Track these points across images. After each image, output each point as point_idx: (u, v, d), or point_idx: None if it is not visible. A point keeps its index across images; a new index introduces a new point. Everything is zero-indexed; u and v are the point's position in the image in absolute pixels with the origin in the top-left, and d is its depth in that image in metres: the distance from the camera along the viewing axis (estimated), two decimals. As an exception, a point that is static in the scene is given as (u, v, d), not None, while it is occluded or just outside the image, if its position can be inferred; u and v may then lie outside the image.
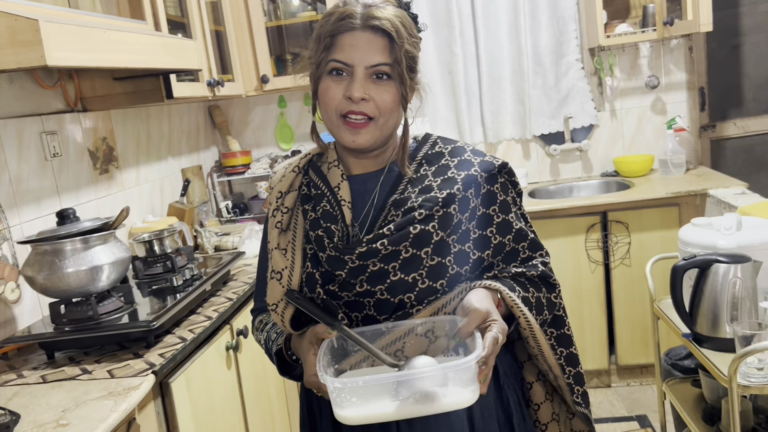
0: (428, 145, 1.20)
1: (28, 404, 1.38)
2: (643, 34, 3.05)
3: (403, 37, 1.08)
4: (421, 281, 1.08)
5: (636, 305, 2.92)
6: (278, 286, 1.13)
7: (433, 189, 1.12)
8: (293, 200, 1.17)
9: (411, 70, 1.12)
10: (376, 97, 1.08)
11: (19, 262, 1.88)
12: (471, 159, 1.16)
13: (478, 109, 3.38)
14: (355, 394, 0.95)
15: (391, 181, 1.16)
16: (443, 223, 1.10)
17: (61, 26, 1.46)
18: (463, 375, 0.94)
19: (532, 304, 1.13)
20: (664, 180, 3.10)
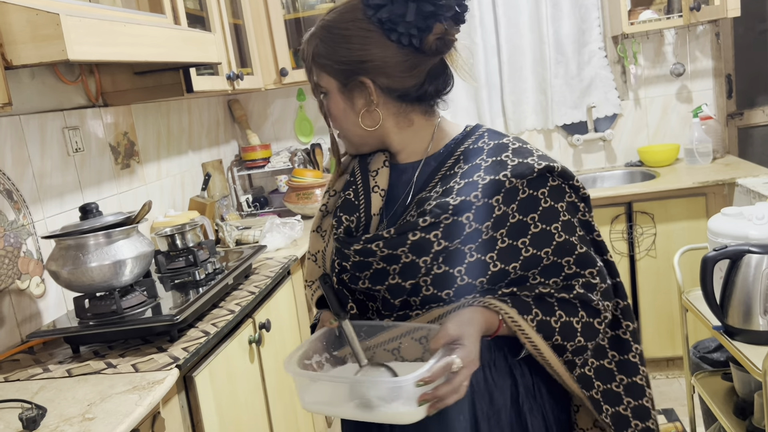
0: (472, 139, 1.10)
1: (54, 398, 1.39)
2: (669, 20, 2.98)
3: (318, 59, 1.07)
4: (425, 288, 1.05)
5: (662, 297, 2.88)
6: (314, 266, 1.17)
7: (453, 192, 1.03)
8: (342, 184, 1.16)
9: (353, 73, 1.05)
10: (328, 112, 1.11)
11: (43, 256, 1.89)
12: (506, 161, 1.04)
13: (499, 100, 3.34)
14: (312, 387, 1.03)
15: (425, 176, 1.10)
16: (449, 233, 1.01)
17: (81, 20, 1.46)
18: (401, 392, 0.92)
19: (554, 329, 1.02)
20: (690, 169, 3.04)
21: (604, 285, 1.07)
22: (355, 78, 1.05)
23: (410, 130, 1.11)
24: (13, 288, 1.77)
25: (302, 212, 3.09)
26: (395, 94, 1.06)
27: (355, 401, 0.96)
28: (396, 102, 1.08)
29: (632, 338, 1.11)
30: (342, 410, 0.99)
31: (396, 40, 1.02)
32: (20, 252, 1.81)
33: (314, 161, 3.34)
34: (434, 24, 1.01)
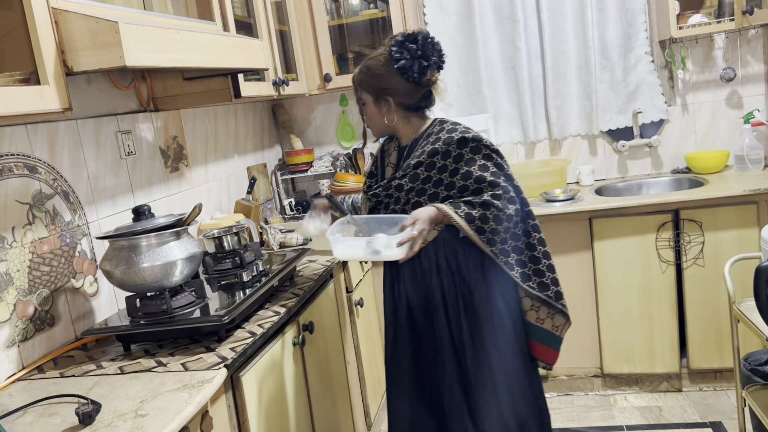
0: (431, 126, 1.89)
1: (107, 394, 1.43)
2: (719, 24, 2.92)
3: (363, 82, 1.88)
4: (408, 210, 1.83)
5: (710, 307, 2.81)
6: (363, 209, 2.01)
7: (416, 156, 1.83)
8: (373, 161, 2.02)
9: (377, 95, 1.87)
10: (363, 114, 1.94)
11: (97, 256, 1.95)
12: (441, 136, 1.81)
13: (542, 105, 3.32)
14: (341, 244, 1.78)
15: (410, 153, 1.89)
16: (412, 178, 1.83)
17: (138, 28, 1.51)
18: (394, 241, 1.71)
19: (474, 217, 1.75)
20: (740, 177, 2.96)
21: (507, 195, 1.78)
22: (382, 96, 1.86)
23: (409, 125, 1.91)
24: (68, 286, 1.83)
25: (344, 216, 3.11)
26: (403, 106, 1.88)
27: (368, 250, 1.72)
28: (403, 110, 1.89)
29: (533, 229, 1.85)
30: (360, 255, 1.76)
31: (406, 78, 1.81)
32: (75, 252, 1.87)
33: (356, 166, 3.37)
34: (427, 71, 1.81)
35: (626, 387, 3.03)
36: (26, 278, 1.68)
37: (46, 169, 1.79)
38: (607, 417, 2.84)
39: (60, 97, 1.43)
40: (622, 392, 3.02)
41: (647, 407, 2.87)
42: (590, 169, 3.27)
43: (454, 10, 3.29)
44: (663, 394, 2.96)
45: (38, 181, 1.76)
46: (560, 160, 3.30)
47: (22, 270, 1.67)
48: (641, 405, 2.90)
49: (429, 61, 1.79)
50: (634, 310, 2.88)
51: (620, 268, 2.86)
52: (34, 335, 1.70)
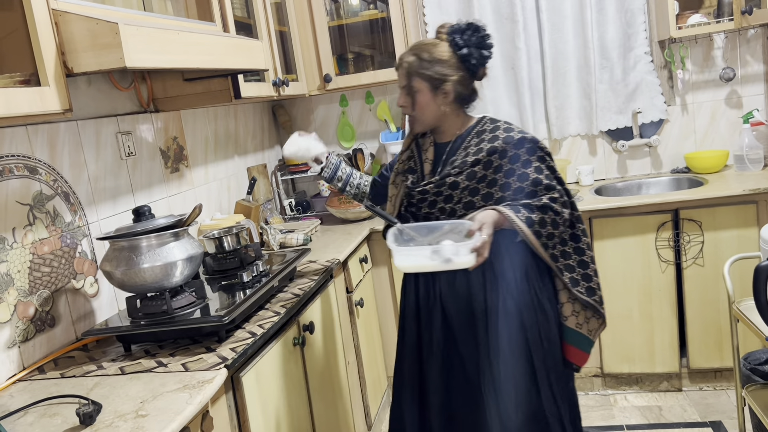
0: (480, 124, 1.83)
1: (108, 395, 1.44)
2: (719, 24, 2.92)
3: (413, 69, 1.78)
4: (459, 210, 1.78)
5: (710, 306, 2.81)
6: (390, 205, 1.92)
7: (470, 154, 1.77)
8: (407, 156, 1.93)
9: (434, 81, 1.77)
10: (408, 103, 1.82)
11: (97, 257, 1.95)
12: (499, 135, 1.77)
13: (542, 105, 3.32)
14: (404, 254, 1.64)
15: (454, 149, 1.83)
16: (469, 176, 1.76)
17: (138, 29, 1.51)
18: (464, 248, 1.58)
19: (534, 221, 1.70)
20: (739, 176, 2.96)
21: (562, 199, 1.75)
22: (441, 84, 1.77)
23: (457, 119, 1.84)
24: (69, 287, 1.83)
25: (344, 216, 3.12)
26: (459, 98, 1.80)
27: (438, 260, 1.58)
28: (457, 102, 1.81)
29: (582, 234, 1.83)
30: (429, 265, 1.60)
31: (466, 68, 1.77)
32: (76, 252, 1.87)
33: (356, 166, 3.37)
34: (485, 62, 1.79)
35: (626, 387, 3.03)
36: (27, 279, 1.69)
37: (46, 170, 1.80)
38: (608, 417, 2.84)
39: (60, 99, 1.43)
40: (622, 392, 3.02)
41: (647, 407, 2.88)
42: (590, 169, 3.27)
43: (453, 10, 3.30)
44: (663, 393, 2.96)
45: (39, 182, 1.77)
46: (560, 160, 3.30)
47: (22, 271, 1.68)
48: (641, 405, 2.90)
49: (489, 51, 1.77)
50: (634, 310, 2.89)
51: (620, 268, 2.86)
52: (34, 336, 1.70)
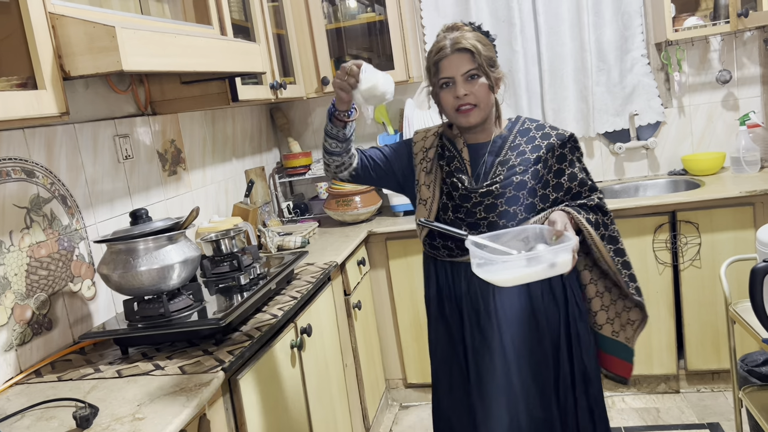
0: (519, 123, 1.77)
1: (105, 398, 1.44)
2: (715, 27, 2.93)
3: (479, 49, 1.63)
4: (520, 213, 1.67)
5: (707, 308, 2.82)
6: (424, 209, 1.77)
7: (527, 153, 1.70)
8: (434, 153, 1.79)
9: (492, 66, 1.67)
10: (473, 90, 1.64)
11: (94, 260, 1.95)
12: (549, 132, 1.73)
13: (539, 107, 3.33)
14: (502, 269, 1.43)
15: (496, 149, 1.73)
16: (534, 175, 1.68)
17: (135, 32, 1.51)
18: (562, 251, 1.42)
19: (592, 222, 1.68)
20: (736, 178, 2.97)
21: (604, 199, 1.75)
22: (495, 69, 1.68)
23: (494, 115, 1.74)
24: (66, 290, 1.83)
25: (342, 219, 3.12)
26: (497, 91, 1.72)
27: (543, 266, 1.41)
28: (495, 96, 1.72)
29: (618, 234, 1.77)
30: (534, 274, 1.42)
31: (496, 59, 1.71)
32: (73, 255, 1.87)
33: (354, 169, 3.37)
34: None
35: (624, 388, 3.03)
36: (24, 282, 1.69)
37: (43, 173, 1.80)
38: (605, 419, 2.84)
39: (57, 102, 1.43)
40: (620, 393, 3.03)
41: (645, 408, 2.88)
42: (587, 171, 3.27)
43: (450, 12, 3.30)
44: (661, 395, 2.97)
45: (36, 185, 1.77)
46: (557, 163, 3.31)
47: (19, 274, 1.68)
48: (639, 406, 2.90)
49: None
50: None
51: (617, 270, 2.86)
52: (31, 339, 1.70)
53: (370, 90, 1.57)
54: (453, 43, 1.64)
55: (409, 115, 3.19)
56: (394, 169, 1.82)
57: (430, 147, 1.79)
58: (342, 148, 1.71)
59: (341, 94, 1.59)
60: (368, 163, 1.80)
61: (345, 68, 1.56)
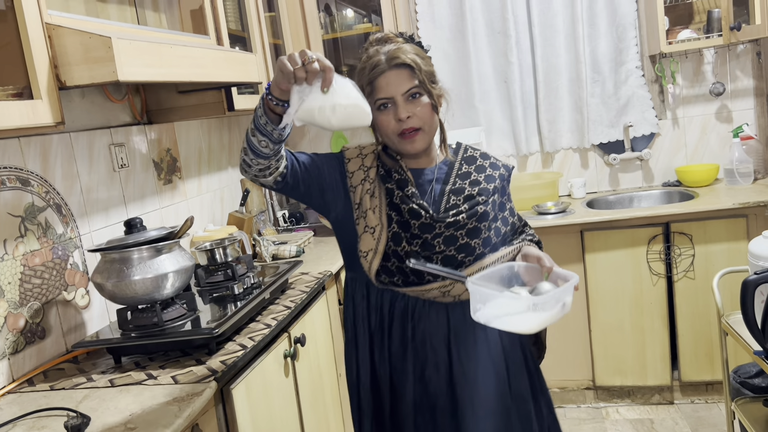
0: (462, 150, 1.62)
1: (97, 407, 1.43)
2: (708, 39, 2.96)
3: (419, 64, 1.45)
4: (478, 248, 1.51)
5: (701, 319, 2.82)
6: (371, 238, 1.50)
7: (481, 182, 1.55)
8: (374, 174, 1.54)
9: (433, 83, 1.50)
10: (416, 112, 1.46)
11: (88, 269, 1.95)
12: (496, 162, 1.61)
13: (534, 118, 3.34)
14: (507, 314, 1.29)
15: (442, 176, 1.56)
16: (493, 207, 1.54)
17: (131, 43, 1.52)
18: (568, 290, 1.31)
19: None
20: (730, 190, 2.99)
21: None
22: (437, 85, 1.51)
23: (438, 138, 1.58)
24: (59, 299, 1.83)
25: (337, 228, 3.12)
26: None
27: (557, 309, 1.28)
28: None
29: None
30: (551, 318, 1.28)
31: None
32: (67, 264, 1.87)
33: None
34: None
35: (618, 399, 3.03)
36: (17, 291, 1.69)
37: (38, 181, 1.80)
38: (600, 429, 2.84)
39: (53, 112, 1.44)
40: (614, 404, 3.03)
41: (639, 420, 2.88)
42: (582, 181, 3.29)
43: (447, 24, 3.33)
44: (655, 406, 2.97)
45: (31, 193, 1.77)
46: (552, 173, 3.33)
47: (13, 282, 1.68)
48: (633, 417, 2.90)
49: None
50: (626, 323, 2.90)
51: (612, 281, 2.87)
52: (24, 348, 1.70)
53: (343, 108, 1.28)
54: (389, 58, 1.44)
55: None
56: (324, 185, 1.51)
57: (370, 166, 1.54)
58: (273, 150, 1.35)
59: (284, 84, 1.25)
60: (299, 170, 1.47)
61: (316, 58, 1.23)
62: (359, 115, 1.31)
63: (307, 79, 1.23)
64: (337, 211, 1.54)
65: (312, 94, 1.25)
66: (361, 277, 1.55)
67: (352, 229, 1.52)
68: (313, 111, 1.26)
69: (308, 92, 1.25)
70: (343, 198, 1.53)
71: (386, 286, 1.53)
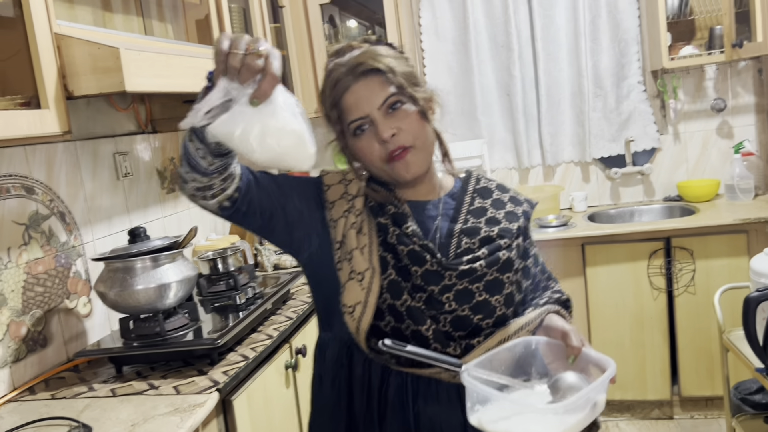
0: (473, 180, 1.28)
1: (98, 417, 1.43)
2: (710, 56, 2.97)
3: (393, 66, 1.14)
4: (499, 307, 1.16)
5: (701, 335, 2.82)
6: (358, 288, 1.13)
7: (501, 221, 1.21)
8: (361, 205, 1.19)
9: (415, 85, 1.17)
10: (401, 125, 1.13)
11: (91, 277, 1.95)
12: (517, 197, 1.28)
13: (536, 131, 3.35)
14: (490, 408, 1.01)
15: (450, 211, 1.22)
16: (520, 253, 1.21)
17: (139, 54, 1.53)
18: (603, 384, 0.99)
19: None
20: (731, 206, 3.00)
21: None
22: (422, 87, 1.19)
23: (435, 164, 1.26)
24: (61, 307, 1.83)
25: (338, 239, 3.12)
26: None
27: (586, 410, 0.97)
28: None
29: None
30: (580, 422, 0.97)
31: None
32: (70, 273, 1.87)
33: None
34: None
35: (618, 414, 3.03)
36: (20, 299, 1.69)
37: (43, 190, 1.81)
38: (599, 444, 2.83)
39: (60, 121, 1.45)
40: (614, 419, 3.02)
41: (639, 435, 2.87)
42: (583, 195, 3.30)
43: (450, 37, 3.34)
44: (655, 421, 2.96)
45: (35, 201, 1.78)
46: (553, 186, 3.33)
47: (16, 290, 1.68)
48: (633, 432, 2.90)
49: None
50: (626, 337, 2.89)
51: (612, 295, 2.88)
52: (26, 356, 1.70)
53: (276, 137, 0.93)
54: (352, 67, 1.13)
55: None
56: (292, 217, 1.16)
57: (356, 195, 1.20)
58: (213, 166, 1.01)
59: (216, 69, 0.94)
60: (256, 195, 1.11)
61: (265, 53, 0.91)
62: (297, 153, 0.95)
63: (240, 75, 0.90)
64: (311, 251, 1.19)
65: (239, 104, 0.91)
66: (342, 339, 1.18)
67: (331, 275, 1.16)
68: (232, 130, 0.91)
69: (236, 96, 0.91)
70: (320, 234, 1.18)
71: (382, 358, 1.15)
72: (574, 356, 1.06)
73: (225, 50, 0.91)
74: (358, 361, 1.18)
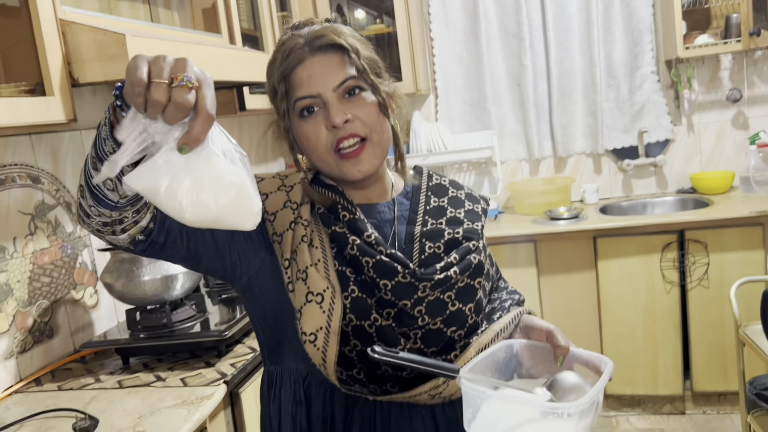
0: (425, 177, 1.15)
1: (105, 409, 1.41)
2: (726, 45, 2.92)
3: (358, 48, 1.00)
4: (470, 316, 1.04)
5: (715, 329, 2.78)
6: (318, 310, 0.97)
7: (463, 220, 1.09)
8: (308, 213, 1.03)
9: (379, 76, 1.03)
10: (357, 113, 0.98)
11: (97, 268, 1.93)
12: (472, 193, 1.17)
13: (547, 123, 3.31)
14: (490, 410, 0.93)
15: (404, 214, 1.09)
16: (486, 254, 1.13)
17: (145, 40, 1.50)
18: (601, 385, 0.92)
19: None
20: (746, 198, 2.95)
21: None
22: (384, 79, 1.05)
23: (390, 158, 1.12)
24: (68, 298, 1.81)
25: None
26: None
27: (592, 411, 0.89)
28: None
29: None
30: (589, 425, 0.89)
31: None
32: (76, 263, 1.86)
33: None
34: None
35: (629, 408, 3.00)
36: (26, 289, 1.67)
37: (49, 179, 1.79)
38: (610, 439, 2.81)
39: (65, 109, 1.42)
40: (624, 414, 2.99)
41: (650, 429, 2.84)
42: (595, 187, 3.25)
43: (460, 26, 3.30)
44: (666, 416, 2.93)
45: (41, 191, 1.76)
46: (565, 178, 3.29)
47: (22, 281, 1.66)
48: (644, 427, 2.86)
49: None
50: (638, 331, 2.86)
51: (624, 288, 2.84)
52: (32, 347, 1.68)
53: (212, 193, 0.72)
54: (311, 39, 0.99)
55: (417, 128, 3.18)
56: (222, 241, 0.98)
57: (301, 202, 1.04)
58: (128, 198, 0.80)
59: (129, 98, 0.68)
60: (175, 222, 0.88)
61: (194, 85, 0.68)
62: (238, 210, 0.75)
63: (164, 114, 0.68)
64: (250, 275, 1.02)
65: (164, 151, 0.70)
66: (296, 373, 1.04)
67: (280, 299, 1.01)
68: (156, 185, 0.70)
69: (160, 140, 0.69)
70: (262, 254, 1.02)
71: (351, 389, 1.00)
72: (563, 357, 0.97)
73: (143, 79, 0.67)
74: (317, 395, 1.03)
